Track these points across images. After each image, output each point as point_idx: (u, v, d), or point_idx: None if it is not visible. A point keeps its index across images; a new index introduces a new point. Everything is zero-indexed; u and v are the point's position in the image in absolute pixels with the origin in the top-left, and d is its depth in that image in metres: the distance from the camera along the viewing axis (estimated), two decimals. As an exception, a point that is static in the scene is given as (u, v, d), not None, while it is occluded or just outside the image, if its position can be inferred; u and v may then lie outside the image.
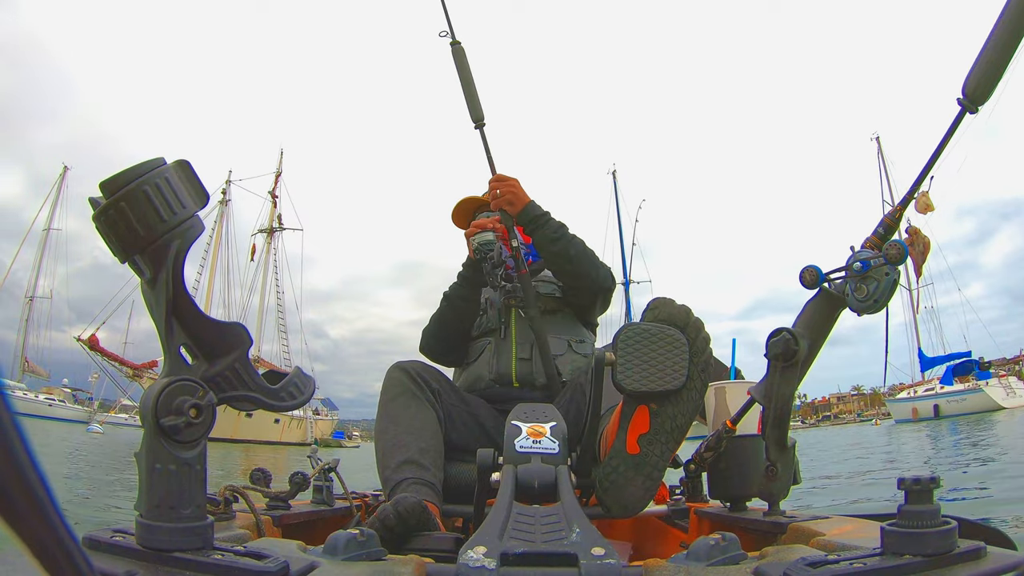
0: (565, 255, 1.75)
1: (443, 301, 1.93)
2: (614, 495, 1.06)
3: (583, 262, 1.76)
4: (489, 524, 0.74)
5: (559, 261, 1.78)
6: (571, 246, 1.76)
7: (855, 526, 0.94)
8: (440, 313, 1.93)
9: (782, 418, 1.06)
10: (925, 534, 0.61)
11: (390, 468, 1.38)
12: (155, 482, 0.60)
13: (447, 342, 1.94)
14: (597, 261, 1.82)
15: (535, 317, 1.75)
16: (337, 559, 0.69)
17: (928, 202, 1.12)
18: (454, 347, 1.94)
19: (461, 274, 1.90)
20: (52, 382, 37.94)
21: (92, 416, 31.92)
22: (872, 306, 1.01)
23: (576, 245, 1.77)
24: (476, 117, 1.94)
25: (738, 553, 0.71)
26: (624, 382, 1.02)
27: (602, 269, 1.82)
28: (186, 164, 0.64)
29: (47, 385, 36.99)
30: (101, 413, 33.44)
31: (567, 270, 1.79)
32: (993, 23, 1.02)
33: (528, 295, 1.77)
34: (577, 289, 1.84)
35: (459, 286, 1.90)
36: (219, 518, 0.99)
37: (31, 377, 36.71)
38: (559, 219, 1.80)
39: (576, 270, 1.77)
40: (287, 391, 0.74)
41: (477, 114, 1.94)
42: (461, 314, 1.90)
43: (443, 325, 1.93)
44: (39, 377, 37.39)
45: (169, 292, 0.64)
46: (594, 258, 1.81)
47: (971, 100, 1.05)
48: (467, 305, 1.89)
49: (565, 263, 1.77)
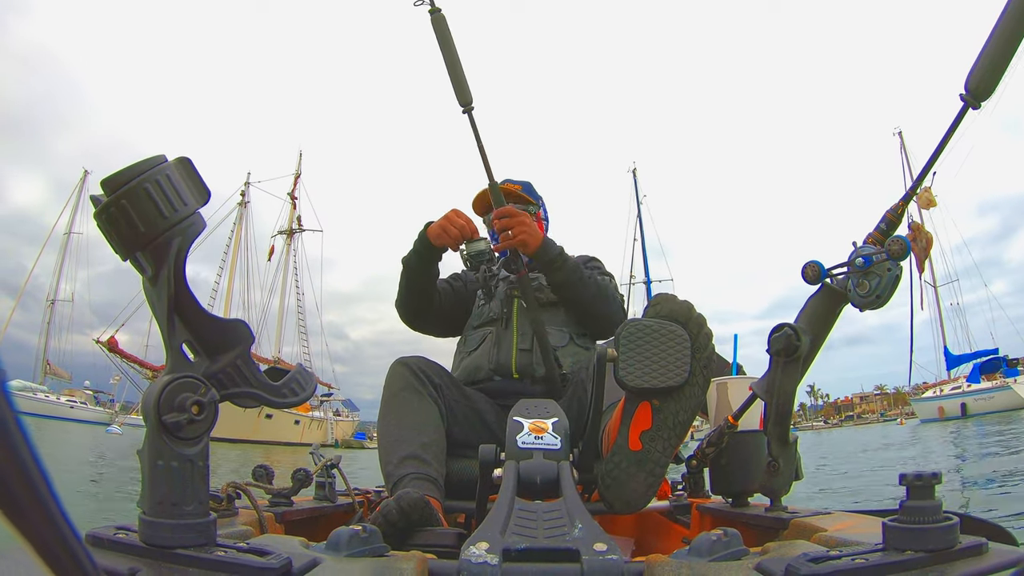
0: (579, 300, 1.74)
1: (405, 277, 1.85)
2: (616, 491, 1.07)
3: (597, 304, 1.74)
4: (491, 520, 0.75)
5: (573, 304, 1.77)
6: (586, 289, 1.73)
7: (857, 522, 0.94)
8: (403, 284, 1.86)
9: (784, 414, 1.05)
10: (927, 530, 0.61)
11: (392, 463, 1.39)
12: (158, 479, 0.61)
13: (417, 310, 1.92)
14: (611, 298, 1.77)
15: (535, 313, 1.74)
16: (340, 555, 0.69)
17: (930, 198, 1.12)
18: (423, 312, 1.92)
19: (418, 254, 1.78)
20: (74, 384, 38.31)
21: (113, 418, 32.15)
22: (874, 302, 1.01)
23: (591, 288, 1.74)
24: (464, 100, 1.73)
25: (740, 549, 0.71)
26: (626, 378, 1.02)
27: (615, 304, 1.77)
28: (187, 161, 0.64)
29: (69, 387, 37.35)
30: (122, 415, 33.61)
31: (580, 311, 1.78)
32: (996, 18, 1.01)
33: (528, 296, 1.74)
34: (587, 326, 1.83)
35: (416, 267, 1.81)
36: (222, 515, 0.99)
37: (53, 379, 37.06)
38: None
39: (589, 311, 1.76)
40: (288, 388, 0.75)
41: (465, 97, 1.72)
42: (421, 288, 1.86)
43: (409, 294, 1.88)
44: (61, 379, 37.73)
45: (171, 289, 0.64)
46: (608, 297, 1.76)
47: (974, 96, 1.05)
48: (425, 282, 1.85)
49: (578, 306, 1.77)
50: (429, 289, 1.87)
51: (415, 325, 1.96)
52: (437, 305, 1.92)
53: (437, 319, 1.98)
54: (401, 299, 1.90)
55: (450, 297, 1.97)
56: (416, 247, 1.78)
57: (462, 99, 1.73)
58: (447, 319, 2.00)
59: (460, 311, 2.00)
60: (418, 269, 1.81)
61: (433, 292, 1.89)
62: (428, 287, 1.87)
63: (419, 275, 1.82)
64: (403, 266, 1.84)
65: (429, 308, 1.91)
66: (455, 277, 2.06)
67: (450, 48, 1.72)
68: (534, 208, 2.01)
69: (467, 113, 1.73)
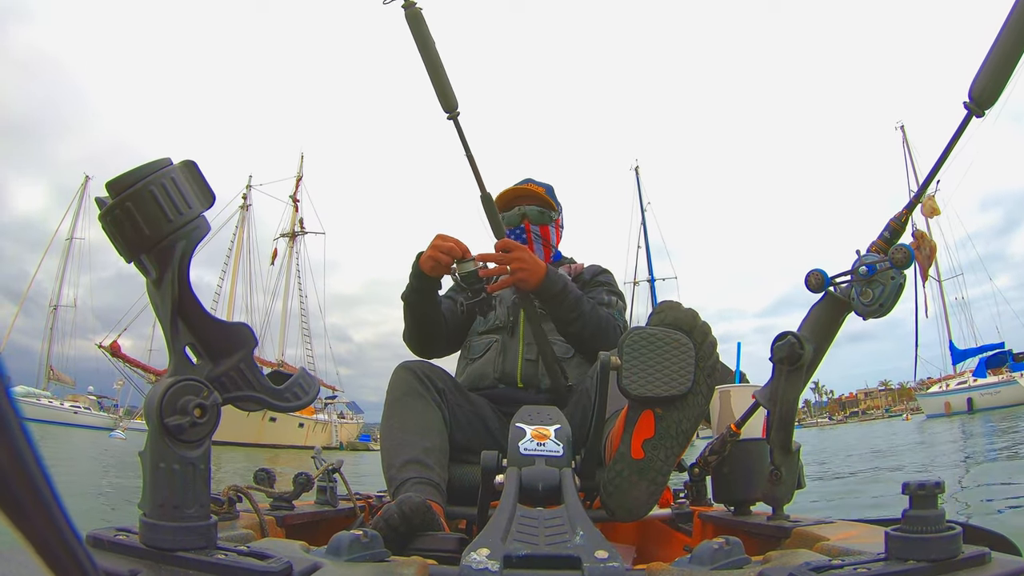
0: (579, 336, 1.72)
1: (408, 311, 1.77)
2: (618, 499, 1.06)
3: (596, 341, 1.69)
4: (492, 526, 0.74)
5: (571, 339, 1.75)
6: (586, 327, 1.69)
7: (859, 531, 0.93)
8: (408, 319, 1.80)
9: (787, 422, 1.05)
10: (929, 539, 0.60)
11: (395, 467, 1.38)
12: (159, 481, 0.61)
13: (427, 340, 1.86)
14: (607, 333, 1.71)
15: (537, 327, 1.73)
16: (340, 560, 0.69)
17: (934, 206, 1.12)
18: (434, 339, 1.86)
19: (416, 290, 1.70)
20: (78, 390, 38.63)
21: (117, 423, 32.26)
22: (877, 310, 1.01)
23: (591, 325, 1.70)
24: (448, 106, 1.59)
25: (742, 557, 0.71)
26: (629, 387, 1.02)
27: (612, 337, 1.69)
28: (192, 164, 0.64)
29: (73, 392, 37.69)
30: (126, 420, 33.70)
31: (577, 344, 1.76)
32: (1000, 26, 1.02)
33: (530, 311, 1.73)
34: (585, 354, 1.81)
35: (417, 302, 1.73)
36: (223, 518, 0.99)
37: (57, 385, 37.37)
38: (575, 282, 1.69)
39: (588, 346, 1.73)
40: (291, 391, 0.75)
41: (449, 102, 1.58)
42: (428, 319, 1.79)
43: (417, 327, 1.81)
44: (65, 385, 38.06)
45: (175, 292, 0.64)
46: (604, 333, 1.71)
47: (977, 104, 1.05)
48: (430, 311, 1.78)
49: (577, 341, 1.75)
50: (435, 317, 1.80)
51: (428, 355, 1.87)
52: (445, 329, 1.86)
53: (448, 342, 1.93)
54: (410, 333, 1.83)
55: (456, 316, 1.88)
56: (412, 282, 1.70)
57: (446, 105, 1.61)
58: (458, 338, 1.96)
59: (468, 323, 1.95)
60: (419, 303, 1.75)
61: (439, 319, 1.82)
62: (434, 316, 1.80)
63: (421, 308, 1.76)
64: (404, 303, 1.77)
65: (439, 334, 1.85)
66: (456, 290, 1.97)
67: (429, 49, 1.57)
68: (555, 214, 1.98)
69: (452, 120, 1.62)
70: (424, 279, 1.67)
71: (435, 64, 1.58)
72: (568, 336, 1.75)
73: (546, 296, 1.66)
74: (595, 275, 1.98)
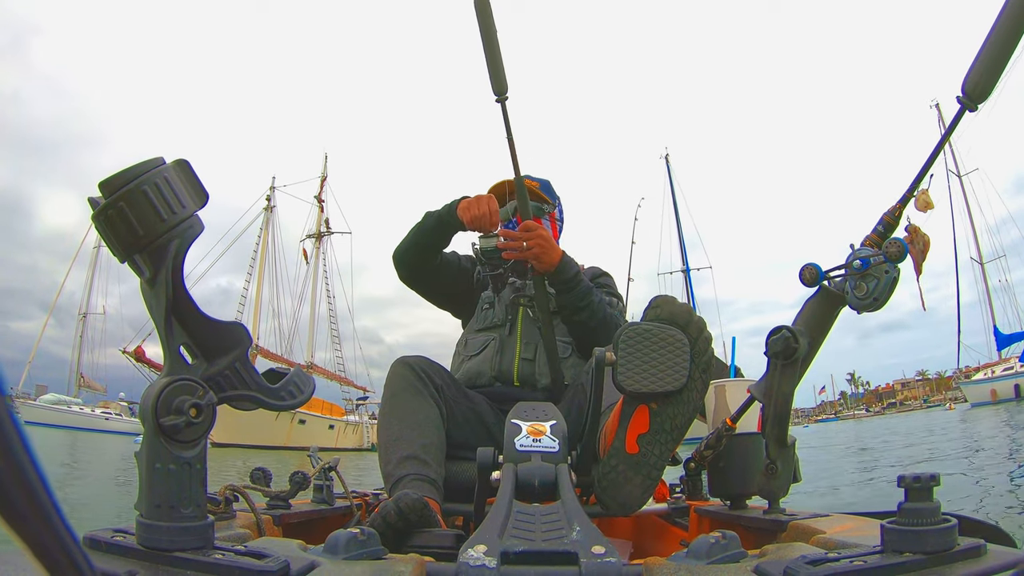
0: (585, 325, 1.74)
1: (418, 229, 1.82)
2: (612, 494, 1.07)
3: (599, 333, 1.72)
4: (489, 522, 0.74)
5: (576, 327, 1.77)
6: (593, 316, 1.72)
7: (855, 524, 0.94)
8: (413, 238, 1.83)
9: (782, 416, 1.06)
10: (925, 532, 0.61)
11: (392, 464, 1.38)
12: (155, 482, 0.61)
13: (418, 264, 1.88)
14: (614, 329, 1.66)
15: (547, 320, 1.73)
16: (337, 558, 0.69)
17: (928, 200, 1.12)
18: (424, 268, 1.89)
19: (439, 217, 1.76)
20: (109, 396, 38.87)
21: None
22: (872, 304, 1.01)
23: (598, 315, 1.72)
24: (499, 89, 1.66)
25: (738, 551, 0.71)
26: (624, 382, 1.02)
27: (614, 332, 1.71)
28: (185, 164, 0.64)
29: (104, 399, 37.93)
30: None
31: (582, 334, 1.78)
32: (993, 20, 1.02)
33: (541, 298, 1.74)
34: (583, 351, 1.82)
35: (432, 226, 1.78)
36: (219, 517, 0.99)
37: (87, 392, 37.60)
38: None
39: (592, 338, 1.74)
40: (286, 390, 0.74)
41: (500, 85, 1.66)
42: (431, 249, 1.84)
43: (417, 250, 1.85)
44: (95, 392, 38.27)
45: (169, 291, 0.64)
46: (611, 328, 1.72)
47: (971, 98, 1.05)
48: (438, 243, 1.83)
49: (583, 331, 1.76)
50: (433, 249, 1.84)
51: (410, 277, 1.91)
52: (435, 266, 1.89)
53: (434, 281, 1.94)
54: (400, 249, 1.86)
55: (454, 268, 1.94)
56: (444, 216, 1.76)
57: (497, 88, 1.67)
58: (445, 288, 1.98)
59: (461, 287, 1.97)
60: (432, 228, 1.79)
61: (434, 256, 1.86)
62: (433, 247, 1.83)
63: (430, 234, 1.80)
64: (419, 225, 1.81)
65: (426, 266, 1.88)
66: (470, 260, 2.02)
67: (491, 33, 1.64)
68: (549, 207, 1.99)
69: (500, 103, 1.68)
70: (452, 214, 1.74)
71: (494, 48, 1.65)
72: (574, 325, 1.76)
73: (559, 280, 1.70)
74: (595, 277, 2.00)
